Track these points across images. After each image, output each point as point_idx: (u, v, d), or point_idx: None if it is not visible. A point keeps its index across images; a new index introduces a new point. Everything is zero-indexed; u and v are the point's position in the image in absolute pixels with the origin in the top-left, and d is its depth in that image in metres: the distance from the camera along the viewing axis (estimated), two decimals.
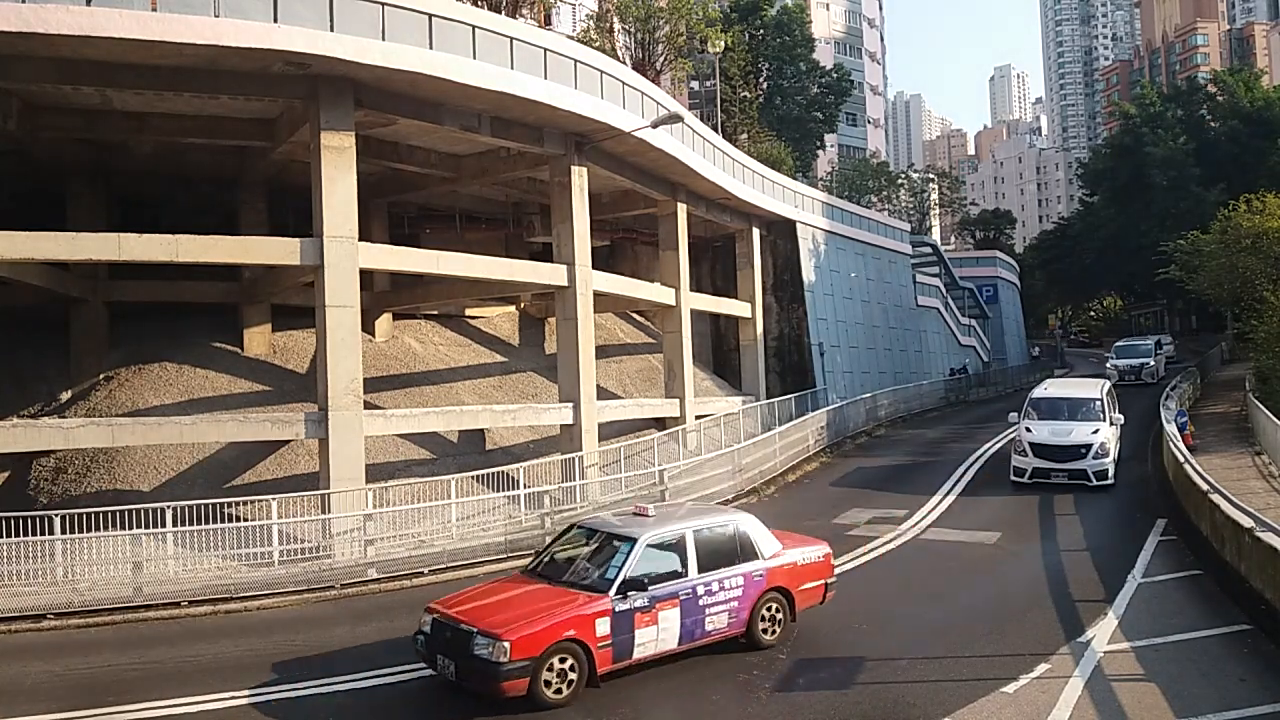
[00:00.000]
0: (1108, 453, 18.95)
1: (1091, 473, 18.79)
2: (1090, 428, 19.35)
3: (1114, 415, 20.15)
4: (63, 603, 12.95)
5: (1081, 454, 18.84)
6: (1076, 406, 20.25)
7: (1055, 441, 19.17)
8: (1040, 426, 19.78)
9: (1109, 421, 19.64)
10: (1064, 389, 22.30)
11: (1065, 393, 21.46)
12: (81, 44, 14.01)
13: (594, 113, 19.77)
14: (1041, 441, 19.27)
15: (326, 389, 16.41)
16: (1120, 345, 43.53)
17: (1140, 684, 9.05)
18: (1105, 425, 19.41)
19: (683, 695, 9.20)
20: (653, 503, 14.53)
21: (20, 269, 17.02)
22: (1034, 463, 19.29)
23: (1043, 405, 20.69)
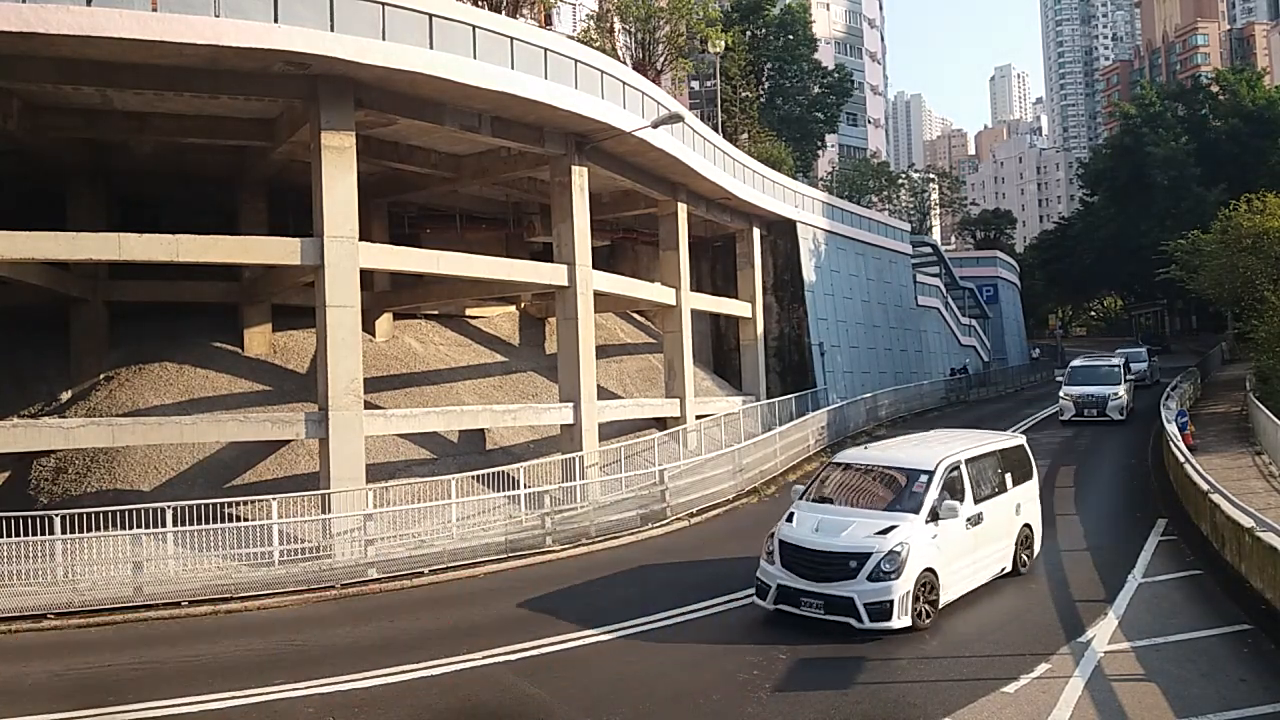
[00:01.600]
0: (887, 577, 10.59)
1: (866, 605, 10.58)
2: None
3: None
4: (63, 602, 12.95)
5: (838, 575, 10.69)
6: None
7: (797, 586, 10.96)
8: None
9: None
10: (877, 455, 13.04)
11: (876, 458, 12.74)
12: (82, 44, 14.01)
13: (594, 113, 19.76)
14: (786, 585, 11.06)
15: (327, 389, 16.41)
16: (1077, 366, 31.05)
17: (1140, 684, 9.05)
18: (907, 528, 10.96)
19: (683, 695, 9.19)
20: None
21: (20, 269, 17.03)
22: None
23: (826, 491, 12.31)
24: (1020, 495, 13.10)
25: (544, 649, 10.67)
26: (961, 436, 14.16)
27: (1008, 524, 12.68)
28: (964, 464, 12.00)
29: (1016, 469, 13.23)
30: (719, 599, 12.38)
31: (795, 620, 10.98)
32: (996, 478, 12.71)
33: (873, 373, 36.94)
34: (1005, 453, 13.20)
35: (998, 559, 12.43)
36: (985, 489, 12.28)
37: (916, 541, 10.72)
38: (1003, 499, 12.60)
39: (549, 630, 11.29)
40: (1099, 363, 31.28)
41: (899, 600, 10.39)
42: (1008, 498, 12.74)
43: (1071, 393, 29.20)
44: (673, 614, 11.79)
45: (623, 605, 12.33)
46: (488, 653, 10.44)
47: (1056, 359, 61.65)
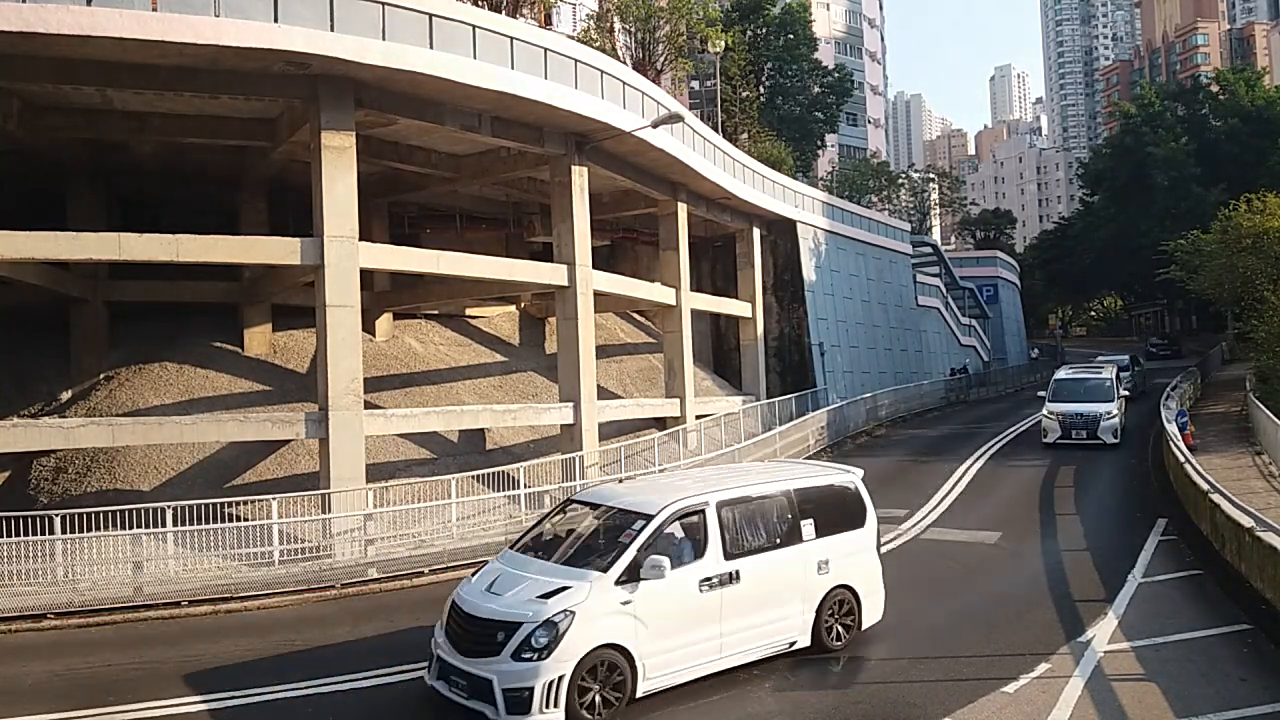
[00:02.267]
0: None
1: None
2: None
3: None
4: (63, 602, 12.94)
5: (484, 649, 8.94)
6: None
7: None
8: None
9: None
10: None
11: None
12: (82, 44, 14.00)
13: (594, 112, 19.76)
14: None
15: (327, 389, 16.41)
16: (1062, 379, 26.59)
17: (1140, 684, 9.05)
18: None
19: (683, 694, 9.18)
20: None
21: (21, 269, 17.02)
22: None
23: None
24: (829, 549, 10.15)
25: None
26: (768, 471, 11.82)
27: (797, 586, 9.81)
28: (714, 508, 9.37)
29: (826, 515, 10.31)
30: None
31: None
32: (780, 527, 9.92)
33: (873, 373, 36.94)
34: (808, 494, 10.32)
35: (774, 631, 9.58)
36: (753, 541, 9.62)
37: (591, 610, 8.27)
38: (787, 554, 9.82)
39: None
40: (1088, 375, 26.59)
41: (543, 688, 7.98)
42: (798, 552, 9.90)
43: (1056, 411, 24.91)
44: None
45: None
46: None
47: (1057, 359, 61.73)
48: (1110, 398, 24.90)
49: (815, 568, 10.02)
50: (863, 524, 10.78)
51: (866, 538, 10.78)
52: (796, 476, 10.70)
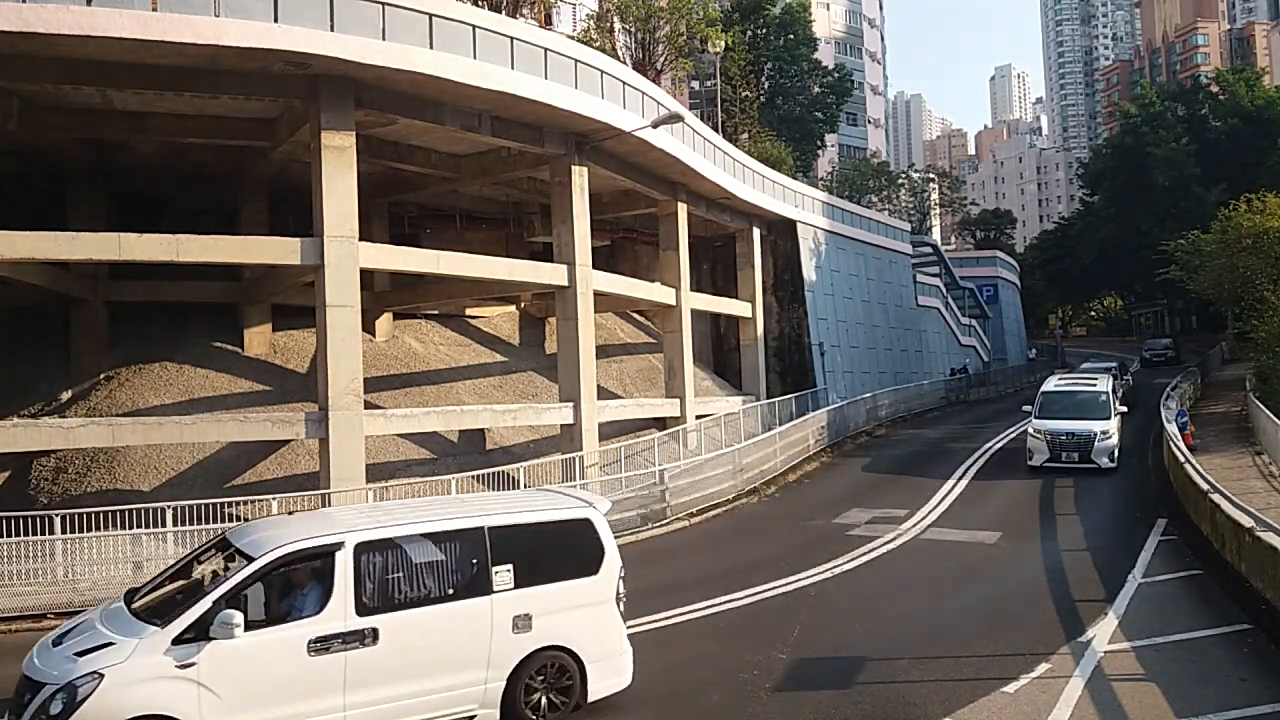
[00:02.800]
0: None
1: None
2: None
3: None
4: (63, 602, 12.92)
5: None
6: None
7: None
8: None
9: None
10: None
11: None
12: (81, 44, 14.02)
13: (594, 112, 19.76)
14: None
15: (327, 389, 16.41)
16: (1051, 391, 23.06)
17: (1140, 684, 9.04)
18: None
19: (683, 695, 9.19)
20: None
21: (20, 269, 17.02)
22: None
23: None
24: (535, 602, 8.19)
25: None
26: (466, 504, 9.76)
27: (478, 648, 7.96)
28: (350, 551, 7.63)
29: (536, 559, 8.36)
30: (719, 598, 12.37)
31: None
32: (459, 574, 8.08)
33: (873, 373, 36.94)
34: (511, 533, 8.33)
35: (437, 705, 7.81)
36: (411, 591, 7.85)
37: (130, 673, 6.88)
38: (463, 608, 7.99)
39: None
40: (1081, 387, 23.21)
41: None
42: (481, 606, 8.02)
43: (1044, 429, 21.37)
44: (673, 613, 11.77)
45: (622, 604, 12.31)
46: None
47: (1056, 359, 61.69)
48: (1106, 414, 21.51)
49: (509, 625, 8.08)
50: (596, 570, 8.63)
51: (600, 587, 8.62)
52: (502, 510, 8.75)
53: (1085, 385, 23.47)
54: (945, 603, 12.18)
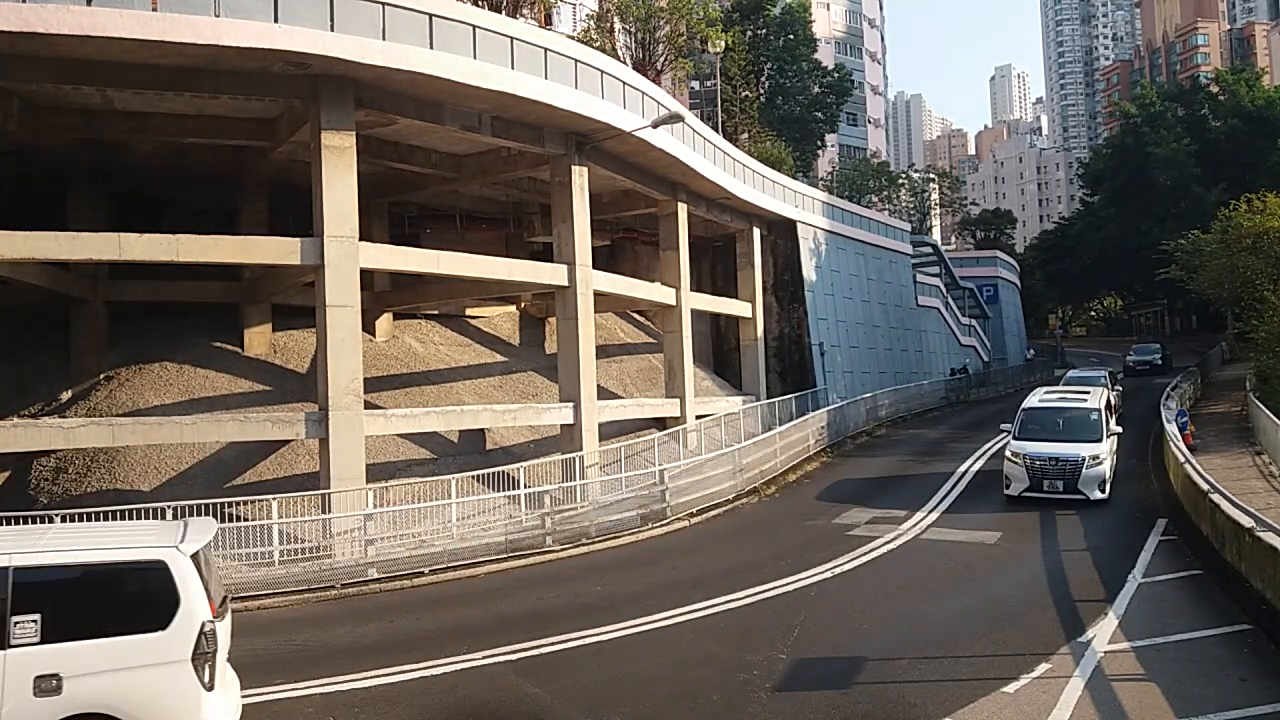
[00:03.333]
0: None
1: None
2: None
3: None
4: None
5: None
6: None
7: None
8: None
9: None
10: None
11: None
12: (82, 44, 14.01)
13: (594, 112, 19.76)
14: None
15: (327, 389, 16.41)
16: (1033, 408, 19.86)
17: (1141, 684, 9.04)
18: None
19: (682, 695, 9.19)
20: None
21: (20, 269, 17.02)
22: None
23: None
24: (71, 660, 6.75)
25: (544, 648, 10.66)
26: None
27: None
28: None
29: (79, 609, 7.01)
30: (719, 599, 12.38)
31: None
32: None
33: (873, 373, 36.94)
34: (41, 575, 6.97)
35: None
36: None
37: None
38: None
39: (549, 630, 11.28)
40: (1068, 404, 19.81)
41: None
42: None
43: (1025, 453, 18.02)
44: (673, 613, 11.78)
45: (623, 605, 12.33)
46: (488, 652, 10.43)
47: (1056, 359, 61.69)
48: (1097, 435, 18.29)
49: (30, 687, 6.66)
50: (165, 624, 6.98)
51: (168, 644, 6.96)
52: (36, 549, 7.19)
53: (1073, 401, 20.12)
54: (945, 603, 12.18)
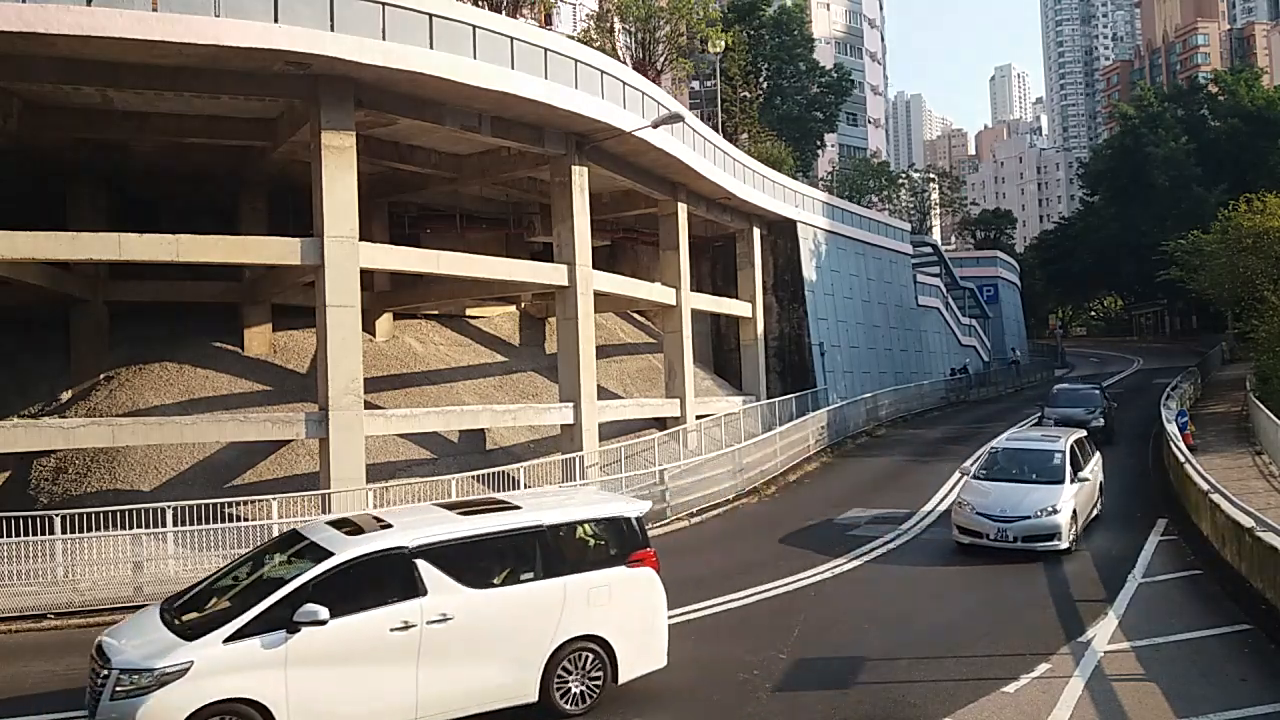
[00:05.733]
0: None
1: None
2: None
3: None
4: (63, 603, 12.95)
5: None
6: None
7: None
8: None
9: None
10: None
11: None
12: (82, 44, 14.00)
13: (594, 112, 19.76)
14: None
15: (327, 389, 16.41)
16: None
17: (1141, 684, 9.05)
18: None
19: (683, 695, 9.19)
20: None
21: (21, 269, 17.01)
22: None
23: None
24: None
25: None
26: None
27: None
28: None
29: None
30: (718, 599, 12.38)
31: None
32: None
33: (873, 373, 36.93)
34: None
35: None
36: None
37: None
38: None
39: None
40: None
41: None
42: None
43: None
44: (672, 613, 11.69)
45: None
46: None
47: (1056, 359, 61.66)
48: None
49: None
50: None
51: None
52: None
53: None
54: (946, 602, 12.19)
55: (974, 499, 14.92)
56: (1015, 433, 20.46)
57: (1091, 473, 16.08)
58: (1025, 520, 14.16)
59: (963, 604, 12.12)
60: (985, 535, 14.37)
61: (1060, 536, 14.06)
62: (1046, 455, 15.71)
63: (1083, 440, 16.84)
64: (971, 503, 14.83)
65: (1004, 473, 15.80)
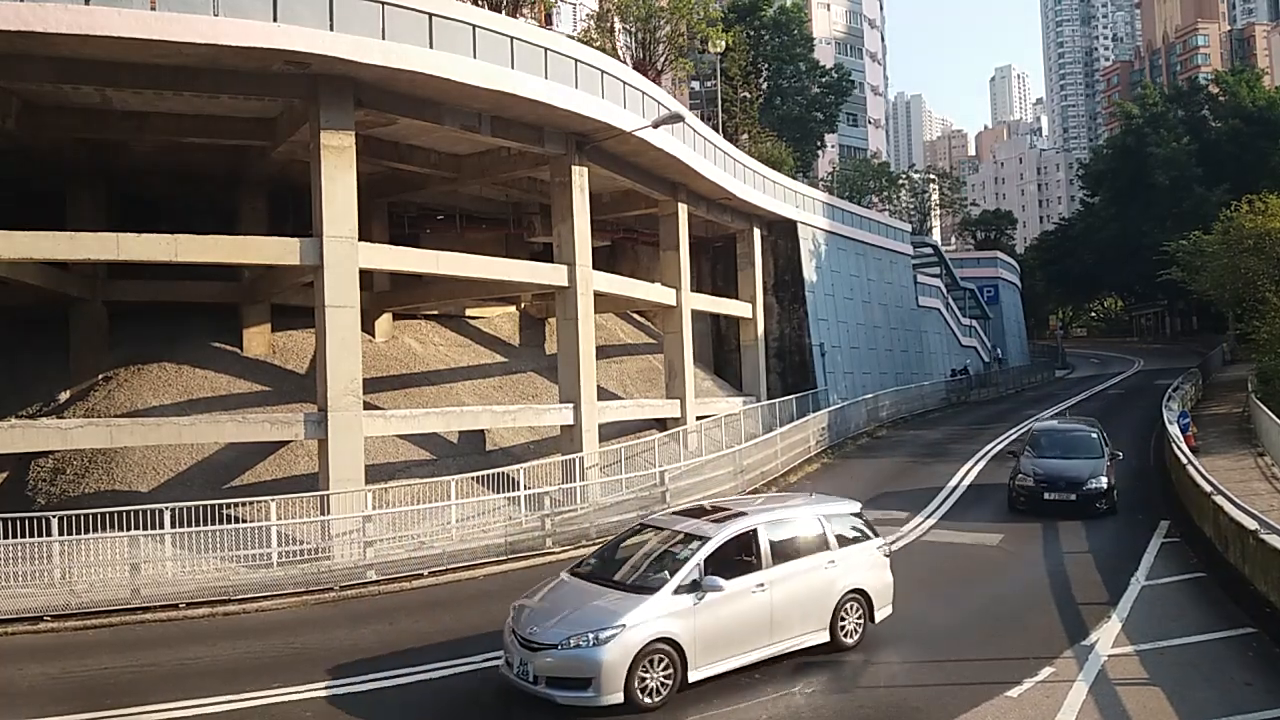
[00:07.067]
0: None
1: None
2: None
3: None
4: (60, 605, 12.88)
5: None
6: None
7: None
8: None
9: None
10: None
11: None
12: (81, 43, 13.95)
13: (594, 112, 19.69)
14: None
15: (326, 389, 16.35)
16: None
17: (1145, 688, 8.99)
18: None
19: (684, 699, 9.12)
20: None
21: (20, 269, 16.96)
22: None
23: None
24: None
25: None
26: None
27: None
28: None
29: None
30: None
31: None
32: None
33: (874, 373, 36.87)
34: None
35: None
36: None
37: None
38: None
39: None
40: None
41: None
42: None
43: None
44: None
45: None
46: (487, 655, 10.34)
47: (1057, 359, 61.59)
48: None
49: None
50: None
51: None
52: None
53: None
54: (947, 605, 12.12)
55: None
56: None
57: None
58: None
59: (965, 606, 12.06)
60: None
61: None
62: None
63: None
64: None
65: None
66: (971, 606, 12.09)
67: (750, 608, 9.61)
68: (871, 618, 10.68)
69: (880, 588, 10.86)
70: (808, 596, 10.14)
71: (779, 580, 9.90)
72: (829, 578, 10.34)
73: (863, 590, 10.63)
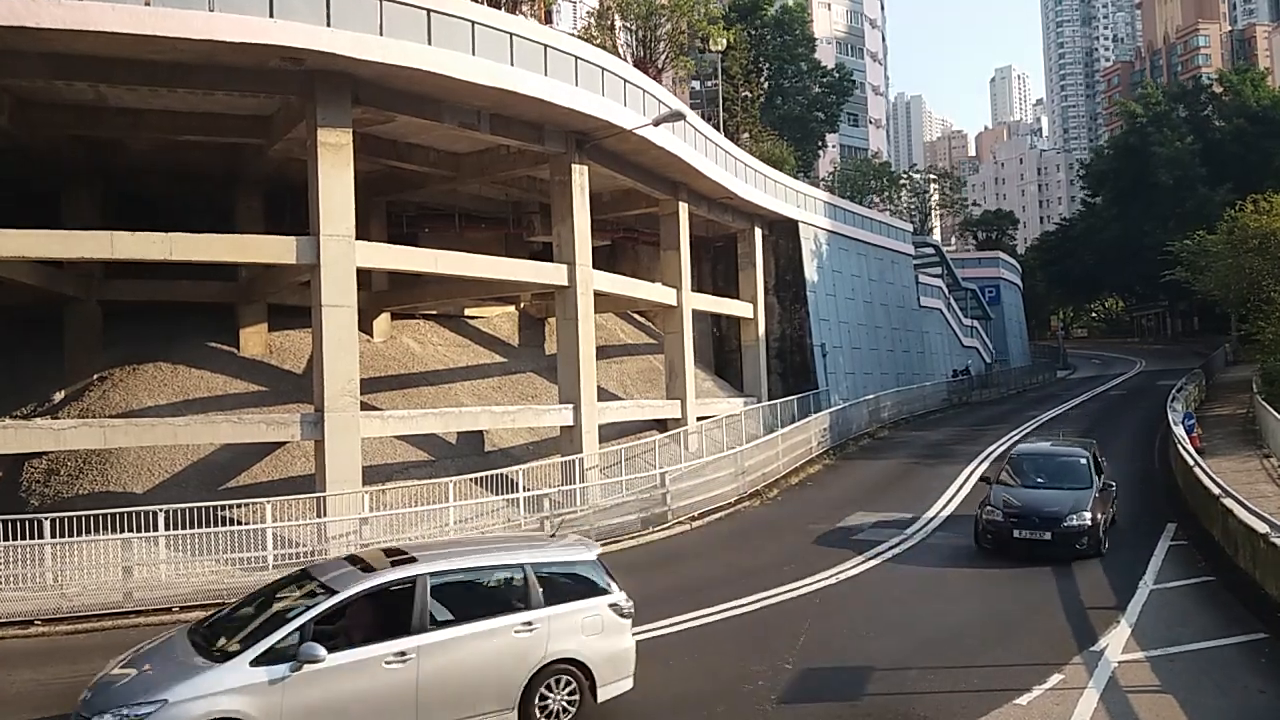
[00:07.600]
0: None
1: None
2: None
3: None
4: (51, 608, 12.70)
5: None
6: None
7: None
8: None
9: None
10: None
11: None
12: (74, 39, 13.79)
13: (595, 110, 19.51)
14: None
15: (323, 390, 16.17)
16: None
17: (1157, 696, 8.80)
18: None
19: (687, 705, 8.95)
20: None
21: (13, 267, 16.77)
22: None
23: None
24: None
25: None
26: None
27: None
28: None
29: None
30: (721, 605, 12.12)
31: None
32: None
33: (875, 374, 36.71)
34: None
35: None
36: None
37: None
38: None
39: None
40: None
41: None
42: None
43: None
44: (674, 620, 11.53)
45: None
46: None
47: (1059, 360, 61.43)
48: None
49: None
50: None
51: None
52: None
53: None
54: (954, 609, 11.94)
55: None
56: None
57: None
58: None
59: (971, 611, 11.87)
60: None
61: None
62: None
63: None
64: None
65: None
66: (978, 610, 11.90)
67: (382, 685, 7.84)
68: (593, 695, 8.73)
69: (606, 657, 8.86)
70: (483, 669, 8.35)
71: (435, 648, 8.08)
72: (522, 644, 8.50)
73: (577, 660, 8.70)
